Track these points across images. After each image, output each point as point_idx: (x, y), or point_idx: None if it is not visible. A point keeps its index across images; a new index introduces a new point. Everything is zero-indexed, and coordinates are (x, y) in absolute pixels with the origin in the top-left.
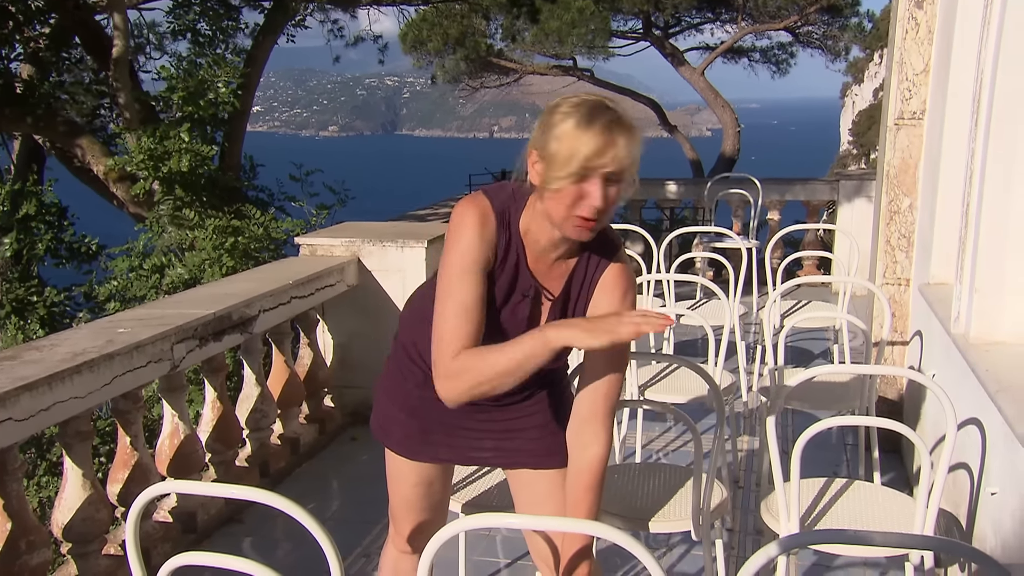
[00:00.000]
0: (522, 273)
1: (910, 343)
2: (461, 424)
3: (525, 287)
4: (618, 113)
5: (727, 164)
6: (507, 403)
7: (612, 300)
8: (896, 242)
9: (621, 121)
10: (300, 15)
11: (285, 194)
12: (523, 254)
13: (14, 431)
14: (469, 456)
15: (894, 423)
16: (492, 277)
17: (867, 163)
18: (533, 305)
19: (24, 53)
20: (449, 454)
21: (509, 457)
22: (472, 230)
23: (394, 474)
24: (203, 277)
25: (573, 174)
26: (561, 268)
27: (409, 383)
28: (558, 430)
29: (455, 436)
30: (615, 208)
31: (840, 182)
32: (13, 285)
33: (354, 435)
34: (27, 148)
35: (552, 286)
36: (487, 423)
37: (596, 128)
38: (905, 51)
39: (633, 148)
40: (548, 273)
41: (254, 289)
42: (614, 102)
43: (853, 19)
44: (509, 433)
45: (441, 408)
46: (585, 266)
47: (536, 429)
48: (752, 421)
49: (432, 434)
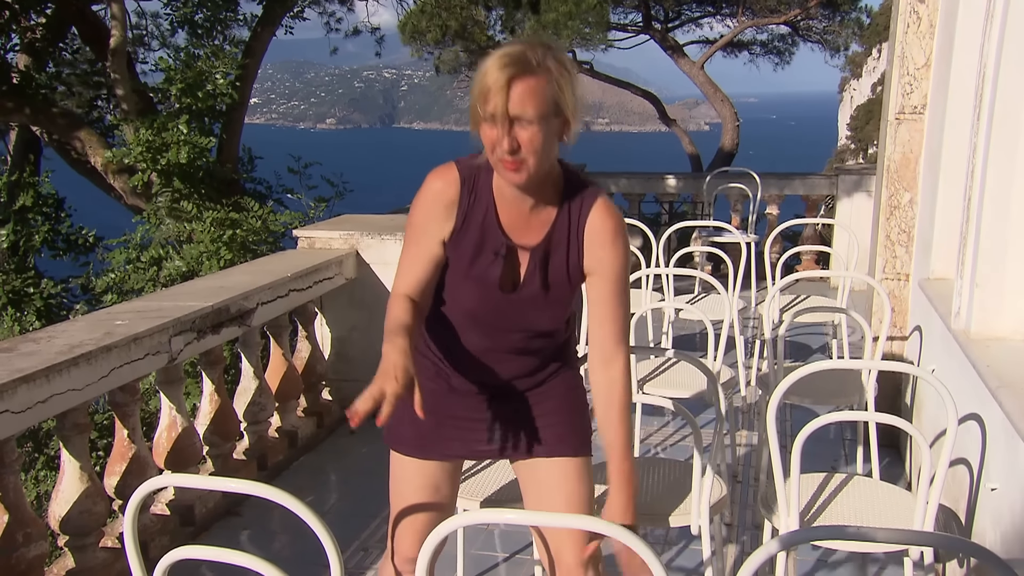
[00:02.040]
0: (491, 231)
1: (909, 338)
2: (472, 416)
3: (497, 245)
4: (522, 56)
5: (726, 158)
6: (520, 389)
7: (604, 250)
8: (896, 237)
9: (521, 63)
10: (298, 6)
11: (283, 186)
12: (494, 212)
13: (11, 423)
14: (480, 450)
15: (894, 418)
16: (454, 241)
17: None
18: (508, 262)
19: (21, 43)
20: (460, 449)
21: (520, 448)
22: (428, 200)
23: (400, 478)
24: (201, 270)
25: (481, 119)
26: (540, 219)
27: (420, 377)
28: (570, 418)
29: (466, 429)
30: (542, 151)
31: (839, 177)
32: (10, 277)
33: (352, 428)
34: (24, 139)
35: (530, 238)
36: (498, 412)
37: (494, 73)
38: (906, 45)
39: (533, 91)
40: (526, 226)
41: (252, 282)
42: (531, 47)
43: (852, 14)
44: (521, 422)
45: (452, 400)
46: (568, 214)
47: (548, 416)
48: (750, 416)
49: (442, 428)
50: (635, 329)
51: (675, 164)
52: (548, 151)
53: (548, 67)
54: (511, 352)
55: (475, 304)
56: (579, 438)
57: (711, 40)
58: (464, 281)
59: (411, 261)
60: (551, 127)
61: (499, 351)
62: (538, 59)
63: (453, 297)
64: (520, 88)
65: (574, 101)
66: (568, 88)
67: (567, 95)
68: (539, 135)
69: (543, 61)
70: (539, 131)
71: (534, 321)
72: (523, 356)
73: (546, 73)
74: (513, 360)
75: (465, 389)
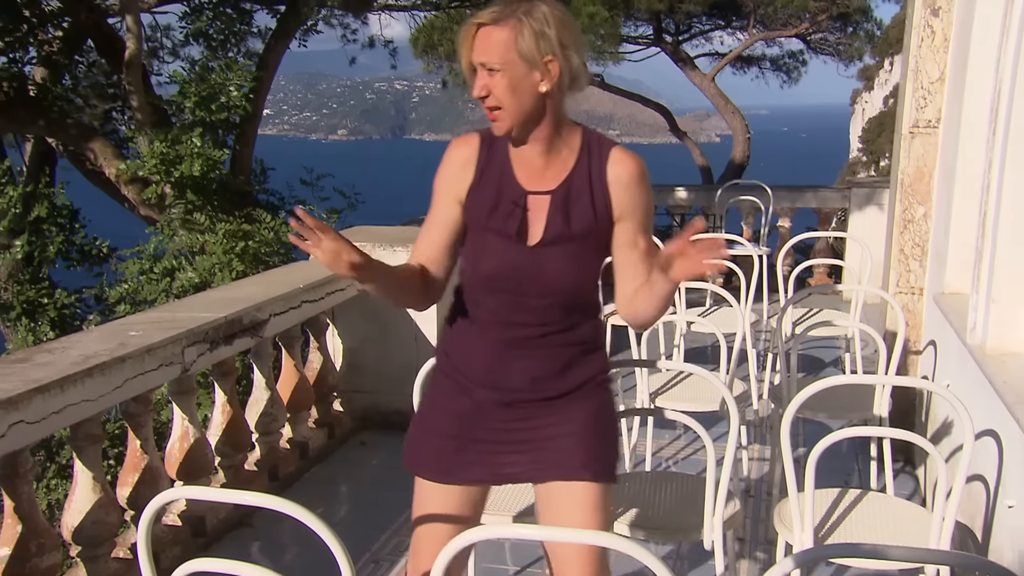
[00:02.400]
0: (508, 184)
1: (924, 353)
2: (494, 438)
3: (515, 196)
4: (491, 11)
5: (737, 170)
6: (545, 396)
7: (631, 192)
8: (910, 251)
9: (487, 16)
10: (312, 20)
11: (296, 198)
12: (509, 166)
13: (26, 433)
14: (502, 473)
15: (911, 435)
16: (471, 197)
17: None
18: (526, 213)
19: (38, 56)
20: (482, 473)
21: (543, 470)
22: (445, 162)
23: (421, 502)
24: (213, 281)
25: (463, 69)
26: (557, 166)
27: (443, 399)
28: (594, 442)
29: (488, 453)
30: (513, 97)
31: (852, 190)
32: (24, 287)
33: (363, 440)
34: (39, 150)
35: (548, 184)
36: (521, 435)
37: (463, 28)
38: (920, 59)
39: (493, 38)
40: (543, 174)
41: (265, 293)
42: (505, 4)
43: (864, 26)
44: (543, 444)
45: (475, 422)
46: (587, 161)
47: (571, 438)
48: (763, 429)
49: (464, 452)
50: (646, 342)
51: (686, 176)
52: (521, 97)
53: (516, 16)
54: (534, 336)
55: (495, 263)
56: (601, 464)
57: (722, 53)
58: (483, 236)
59: (426, 227)
60: (522, 75)
61: (522, 336)
62: (511, 10)
63: (474, 260)
64: (482, 36)
65: (543, 50)
66: (533, 36)
67: (537, 42)
68: (503, 80)
69: (515, 12)
70: (503, 78)
71: (557, 279)
72: (547, 347)
73: (514, 22)
74: (537, 352)
75: (488, 400)
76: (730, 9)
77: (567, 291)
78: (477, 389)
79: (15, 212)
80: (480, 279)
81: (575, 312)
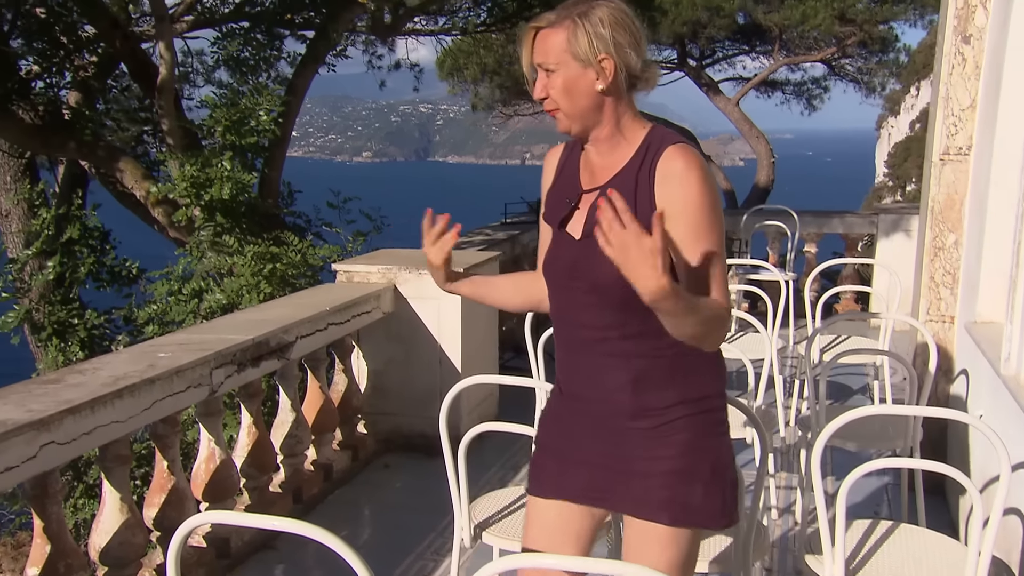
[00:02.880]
0: (572, 183)
1: (955, 382)
2: (586, 459)
3: (572, 194)
4: (548, 13)
5: (761, 195)
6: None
7: (672, 186)
8: (940, 279)
9: (543, 18)
10: (341, 45)
11: (322, 220)
12: (577, 167)
13: (57, 454)
14: (591, 496)
15: (946, 467)
16: (547, 197)
17: (903, 195)
18: (581, 209)
19: (72, 80)
20: (573, 490)
21: (626, 503)
22: (542, 176)
23: (528, 521)
24: (241, 302)
25: (524, 72)
26: (613, 162)
27: (547, 412)
28: (679, 481)
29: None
30: (572, 96)
31: (879, 216)
32: (55, 307)
33: (387, 462)
34: (71, 173)
35: (601, 180)
36: (612, 460)
37: (525, 29)
38: (951, 86)
39: (550, 39)
40: (601, 172)
41: (291, 315)
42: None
43: (891, 53)
44: (631, 478)
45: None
46: (642, 155)
47: (657, 477)
48: (790, 457)
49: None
50: None
51: None
52: (577, 97)
53: (572, 18)
54: (594, 339)
55: (550, 259)
56: (683, 509)
57: (746, 77)
58: (550, 233)
59: (541, 235)
60: (579, 74)
61: (583, 338)
62: (564, 15)
63: (544, 257)
64: (540, 40)
65: (596, 48)
66: (591, 35)
67: (592, 41)
68: (559, 81)
69: (571, 13)
70: (559, 77)
71: (603, 273)
72: (608, 354)
73: (569, 23)
74: (600, 360)
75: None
76: (754, 34)
77: (614, 287)
78: (565, 396)
79: (48, 234)
80: (547, 277)
81: (633, 316)
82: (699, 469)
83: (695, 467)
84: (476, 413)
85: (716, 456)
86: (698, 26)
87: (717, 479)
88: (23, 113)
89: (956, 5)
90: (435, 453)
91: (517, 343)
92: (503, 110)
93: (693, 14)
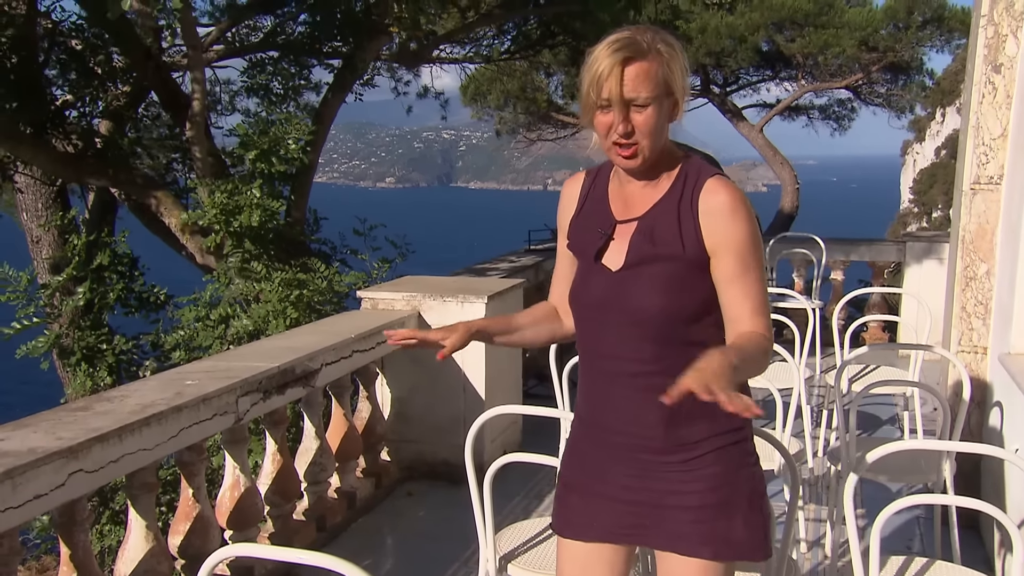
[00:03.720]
0: (603, 213)
1: (989, 414)
2: (615, 495)
3: (605, 225)
4: (632, 40)
5: (786, 220)
6: (661, 457)
7: (723, 223)
8: (972, 309)
9: (632, 47)
10: (368, 74)
11: (347, 247)
12: (606, 197)
13: (84, 482)
14: (623, 533)
15: (983, 504)
16: (572, 228)
17: (929, 222)
18: (615, 240)
19: (105, 110)
20: (602, 531)
21: (662, 538)
22: (560, 202)
23: (560, 561)
24: (267, 329)
25: (593, 105)
26: (651, 193)
27: (570, 445)
28: (717, 514)
29: (610, 510)
30: (655, 132)
31: (907, 243)
32: (85, 333)
33: (410, 490)
34: (101, 200)
35: (638, 211)
36: (643, 494)
37: (605, 59)
38: (982, 115)
39: (647, 73)
40: (636, 203)
41: (317, 343)
42: (639, 31)
43: (916, 78)
44: (665, 512)
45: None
46: (681, 188)
47: (693, 511)
48: (818, 489)
49: (588, 506)
50: None
51: None
52: (660, 133)
53: (658, 49)
54: (628, 373)
55: (583, 291)
56: (723, 542)
57: (770, 104)
58: (579, 266)
59: (557, 264)
60: (663, 109)
61: (616, 371)
62: (648, 42)
63: (572, 291)
64: (632, 72)
65: (683, 81)
66: (678, 69)
67: (677, 76)
68: (652, 117)
69: (652, 44)
70: (653, 113)
71: (642, 304)
72: (643, 389)
73: (657, 55)
74: (633, 394)
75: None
76: (778, 61)
77: (655, 320)
78: (591, 429)
79: (79, 260)
80: (576, 309)
81: (672, 350)
82: (736, 502)
83: (732, 500)
84: (500, 441)
85: (751, 488)
86: (722, 55)
87: (755, 511)
88: (56, 142)
89: (986, 34)
90: (458, 481)
91: (540, 370)
92: (526, 135)
93: (718, 43)
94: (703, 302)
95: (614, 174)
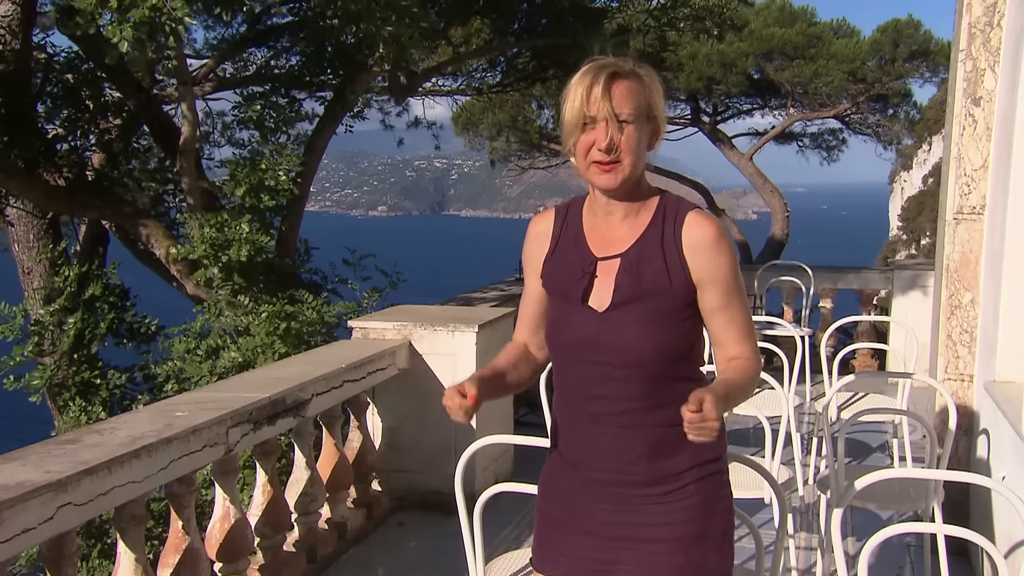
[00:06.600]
0: (580, 251)
1: (976, 442)
2: (592, 530)
3: (586, 263)
4: (616, 62)
5: (776, 248)
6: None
7: (709, 256)
8: (958, 337)
9: (616, 66)
10: (358, 107)
11: (338, 276)
12: (582, 234)
13: (73, 516)
14: (597, 568)
15: (966, 532)
16: (547, 267)
17: (917, 249)
18: (597, 279)
19: (96, 142)
20: (574, 566)
21: (634, 573)
22: (526, 239)
23: None
24: (256, 362)
25: (577, 126)
26: (631, 228)
27: (547, 479)
28: (692, 546)
29: (586, 546)
30: (636, 151)
31: (894, 272)
32: (80, 368)
33: (401, 520)
34: (93, 232)
35: (620, 247)
36: (619, 529)
37: (589, 77)
38: (963, 147)
39: (630, 90)
40: (616, 239)
41: (307, 373)
42: (620, 58)
43: (903, 108)
44: (641, 545)
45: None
46: (661, 223)
47: (669, 543)
48: (808, 517)
49: (563, 541)
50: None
51: None
52: (641, 154)
53: (639, 73)
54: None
55: (567, 333)
56: (698, 571)
57: (760, 132)
58: (556, 306)
59: (522, 302)
60: (644, 131)
61: (600, 411)
62: (630, 66)
63: (550, 331)
64: (617, 88)
65: (662, 110)
66: (658, 96)
67: (657, 102)
68: (634, 135)
69: (634, 68)
70: (635, 131)
71: (634, 345)
72: (629, 426)
73: (639, 79)
74: (618, 431)
75: (579, 481)
76: (768, 90)
77: (645, 360)
78: (570, 466)
79: (71, 291)
80: (556, 350)
81: (660, 388)
82: (711, 532)
83: (708, 530)
84: (491, 470)
85: (726, 517)
86: (712, 82)
87: (727, 539)
88: (47, 175)
89: (965, 68)
90: (450, 510)
91: (531, 398)
92: (518, 163)
93: (708, 70)
94: (687, 336)
95: (587, 210)
